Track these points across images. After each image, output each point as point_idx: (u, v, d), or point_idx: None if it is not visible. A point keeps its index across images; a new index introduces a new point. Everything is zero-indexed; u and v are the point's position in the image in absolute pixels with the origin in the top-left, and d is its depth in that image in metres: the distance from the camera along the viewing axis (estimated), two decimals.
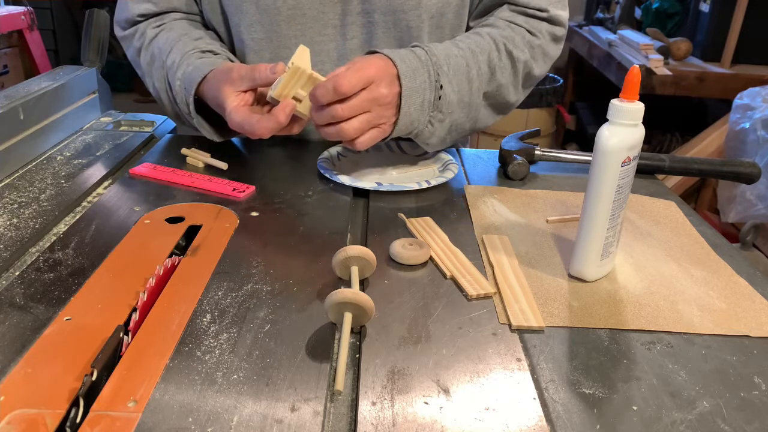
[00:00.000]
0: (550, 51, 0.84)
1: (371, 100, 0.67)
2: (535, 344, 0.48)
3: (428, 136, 0.75)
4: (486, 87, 0.77)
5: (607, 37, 2.55)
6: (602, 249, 0.56)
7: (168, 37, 0.81)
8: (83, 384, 0.41)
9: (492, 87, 0.78)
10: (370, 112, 0.68)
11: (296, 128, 0.71)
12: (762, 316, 0.53)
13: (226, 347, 0.46)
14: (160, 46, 0.81)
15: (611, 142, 0.53)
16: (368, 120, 0.68)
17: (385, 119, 0.70)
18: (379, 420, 0.40)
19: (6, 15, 2.39)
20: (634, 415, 0.42)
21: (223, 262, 0.57)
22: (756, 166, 0.82)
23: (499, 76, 0.77)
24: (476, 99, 0.77)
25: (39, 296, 0.51)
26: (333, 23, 0.81)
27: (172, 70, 0.78)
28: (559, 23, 0.83)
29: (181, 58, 0.78)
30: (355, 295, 0.46)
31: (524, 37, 0.80)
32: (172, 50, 0.79)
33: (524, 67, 0.80)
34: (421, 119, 0.72)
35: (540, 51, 0.82)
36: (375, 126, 0.69)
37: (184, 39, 0.80)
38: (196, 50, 0.79)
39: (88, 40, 1.00)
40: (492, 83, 0.77)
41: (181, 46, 0.79)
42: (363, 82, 0.66)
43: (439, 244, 0.62)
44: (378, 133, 0.70)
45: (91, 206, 0.69)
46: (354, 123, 0.67)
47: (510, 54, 0.78)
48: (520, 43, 0.79)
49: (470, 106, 0.76)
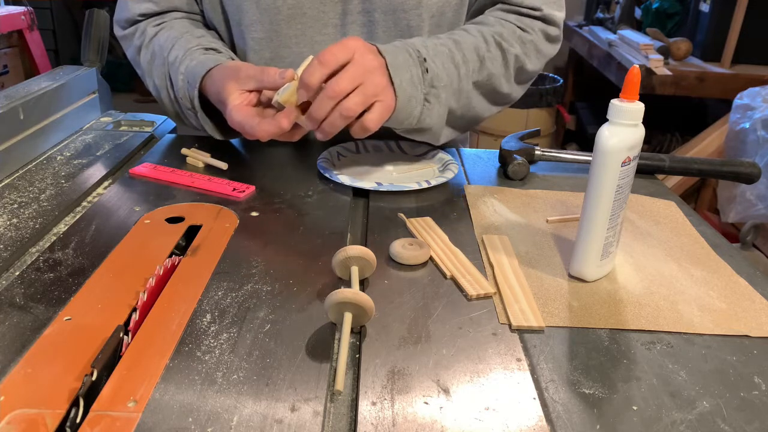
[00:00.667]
0: (543, 48, 0.83)
1: (360, 68, 0.65)
2: (535, 344, 0.48)
3: (428, 116, 0.74)
4: (476, 76, 0.77)
5: (607, 37, 2.55)
6: (602, 249, 0.56)
7: (169, 35, 0.81)
8: (83, 384, 0.41)
9: (483, 76, 0.77)
10: (363, 83, 0.65)
11: (296, 135, 0.70)
12: (762, 316, 0.53)
13: (226, 347, 0.46)
14: (161, 43, 0.81)
15: (611, 142, 0.53)
16: (365, 92, 0.65)
17: (381, 89, 0.67)
18: (379, 420, 0.40)
19: (6, 15, 2.39)
20: (634, 415, 0.42)
21: (223, 262, 0.57)
22: (756, 166, 0.82)
23: (489, 65, 0.77)
24: (466, 86, 0.76)
25: (39, 296, 0.51)
26: (333, 22, 0.81)
27: (175, 66, 0.77)
28: (553, 23, 0.83)
29: (184, 54, 0.77)
30: (355, 295, 0.46)
31: (515, 32, 0.80)
32: (174, 46, 0.79)
33: (516, 61, 0.79)
34: (417, 96, 0.71)
35: (532, 47, 0.81)
36: (376, 100, 0.67)
37: (186, 36, 0.80)
38: (200, 47, 0.79)
39: (88, 40, 1.00)
40: (482, 72, 0.77)
41: (184, 43, 0.79)
42: (345, 52, 0.65)
43: (439, 244, 0.62)
44: (383, 108, 0.67)
45: (91, 206, 0.69)
46: (353, 98, 0.65)
47: (500, 45, 0.78)
48: (510, 37, 0.79)
49: (461, 93, 0.76)
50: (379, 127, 0.68)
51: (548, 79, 2.90)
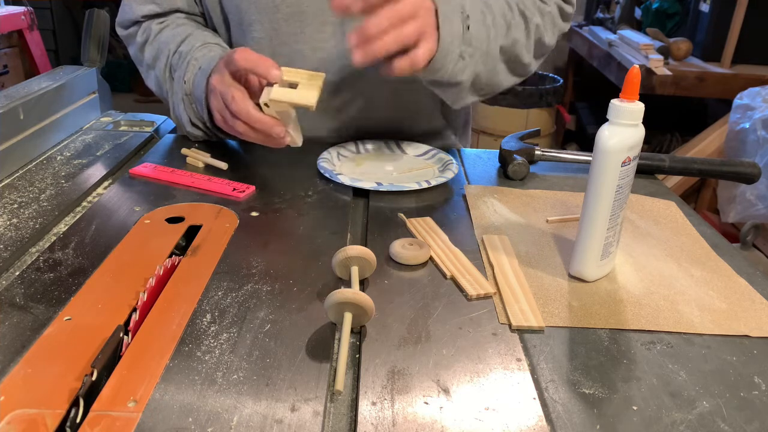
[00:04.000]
0: (558, 23, 0.84)
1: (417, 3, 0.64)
2: (535, 344, 0.48)
3: (460, 72, 0.73)
4: (503, 40, 0.77)
5: (607, 37, 2.54)
6: (602, 249, 0.56)
7: (176, 32, 0.82)
8: (83, 384, 0.41)
9: (508, 41, 0.78)
10: (417, 17, 0.64)
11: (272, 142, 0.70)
12: (762, 316, 0.53)
13: (226, 347, 0.46)
14: (167, 39, 0.82)
15: (611, 142, 0.53)
16: (420, 25, 0.64)
17: (432, 28, 0.66)
18: (379, 420, 0.40)
19: (6, 15, 2.39)
20: (634, 415, 0.42)
21: (223, 262, 0.57)
22: (756, 166, 0.82)
23: (514, 31, 0.78)
24: (494, 49, 0.76)
25: (39, 296, 0.51)
26: (332, 20, 0.80)
27: (190, 54, 0.78)
28: (568, 1, 0.84)
29: (202, 44, 0.79)
30: (355, 295, 0.46)
31: (535, 2, 0.81)
32: (187, 39, 0.80)
33: (536, 31, 0.80)
34: (454, 51, 0.71)
35: (550, 19, 0.82)
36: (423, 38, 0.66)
37: (196, 32, 0.82)
38: (217, 44, 0.80)
39: (88, 40, 1.00)
40: (508, 37, 0.77)
41: (200, 37, 0.80)
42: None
43: (439, 244, 0.62)
44: (430, 46, 0.66)
45: (91, 206, 0.69)
46: (410, 26, 0.63)
47: (523, 14, 0.79)
48: (531, 6, 0.80)
49: (488, 55, 0.76)
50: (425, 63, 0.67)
51: (548, 79, 2.90)
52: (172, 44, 0.80)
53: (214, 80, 0.71)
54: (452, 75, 0.73)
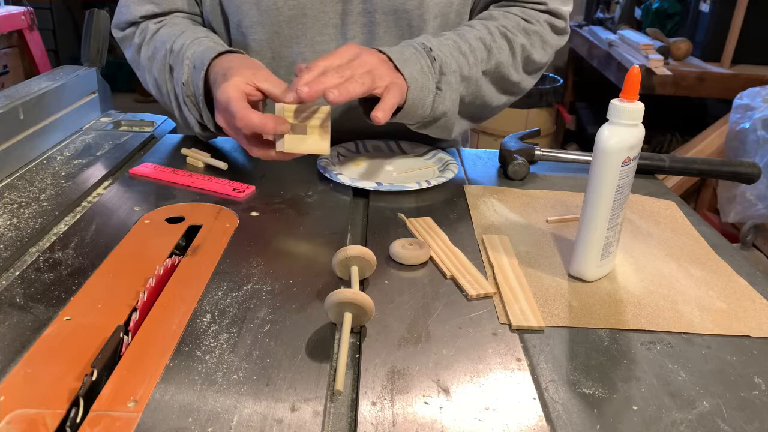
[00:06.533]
0: (549, 39, 0.84)
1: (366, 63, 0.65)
2: (535, 344, 0.48)
3: (441, 103, 0.74)
4: (485, 65, 0.77)
5: (607, 37, 2.55)
6: (602, 249, 0.56)
7: (173, 30, 0.81)
8: (83, 384, 0.41)
9: (491, 65, 0.78)
10: (371, 71, 0.65)
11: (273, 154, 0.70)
12: (762, 316, 0.53)
13: (226, 347, 0.46)
14: (164, 38, 0.80)
15: (611, 142, 0.53)
16: (373, 76, 0.65)
17: (390, 77, 0.67)
18: (379, 420, 0.40)
19: (6, 15, 2.39)
20: (634, 415, 0.42)
21: (223, 262, 0.57)
22: (756, 166, 0.82)
23: (496, 53, 0.78)
24: (476, 74, 0.77)
25: (39, 296, 0.51)
26: (334, 23, 0.81)
27: (181, 53, 0.76)
28: (559, 15, 0.84)
29: (192, 41, 0.77)
30: (355, 295, 0.46)
31: (519, 24, 0.81)
32: (180, 36, 0.78)
33: (522, 50, 0.80)
34: (428, 85, 0.72)
35: (538, 37, 0.82)
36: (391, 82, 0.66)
37: (191, 29, 0.81)
38: (208, 38, 0.78)
39: (88, 40, 1.00)
40: (491, 61, 0.78)
41: (191, 33, 0.79)
42: (350, 53, 0.66)
43: (439, 244, 0.62)
44: (397, 90, 0.66)
45: (91, 206, 0.69)
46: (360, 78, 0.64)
47: (505, 36, 0.79)
48: (514, 28, 0.80)
49: (470, 80, 0.76)
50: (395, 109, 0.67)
51: (548, 79, 2.90)
52: (168, 43, 0.79)
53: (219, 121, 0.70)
54: (434, 108, 0.74)
